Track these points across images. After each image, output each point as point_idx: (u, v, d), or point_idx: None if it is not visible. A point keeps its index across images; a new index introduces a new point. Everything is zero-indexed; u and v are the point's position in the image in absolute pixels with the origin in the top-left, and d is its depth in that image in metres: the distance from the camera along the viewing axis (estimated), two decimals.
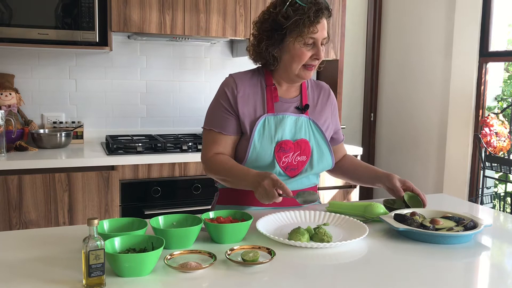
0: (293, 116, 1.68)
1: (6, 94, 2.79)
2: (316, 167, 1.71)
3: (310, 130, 1.70)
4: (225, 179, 1.63)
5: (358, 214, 1.61)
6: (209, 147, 1.68)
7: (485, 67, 3.14)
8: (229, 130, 1.66)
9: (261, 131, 1.64)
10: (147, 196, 2.66)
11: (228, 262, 1.20)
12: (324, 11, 1.58)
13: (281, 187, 1.43)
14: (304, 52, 1.60)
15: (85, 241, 1.05)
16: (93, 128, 3.10)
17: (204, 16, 2.88)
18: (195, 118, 3.33)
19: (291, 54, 1.61)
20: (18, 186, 2.40)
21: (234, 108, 1.66)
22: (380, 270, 1.21)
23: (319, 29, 1.58)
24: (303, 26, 1.56)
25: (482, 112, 3.18)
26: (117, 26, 2.71)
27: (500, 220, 1.77)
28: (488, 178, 3.14)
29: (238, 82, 1.68)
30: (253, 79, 1.70)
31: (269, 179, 1.44)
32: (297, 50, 1.60)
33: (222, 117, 1.66)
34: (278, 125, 1.65)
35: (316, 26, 1.57)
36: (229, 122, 1.66)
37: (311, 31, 1.57)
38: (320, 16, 1.57)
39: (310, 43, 1.59)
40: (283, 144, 1.64)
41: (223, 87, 1.69)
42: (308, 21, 1.56)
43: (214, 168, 1.65)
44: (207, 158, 1.68)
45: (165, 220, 1.37)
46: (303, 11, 1.56)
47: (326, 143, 1.72)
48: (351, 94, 4.03)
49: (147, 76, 3.20)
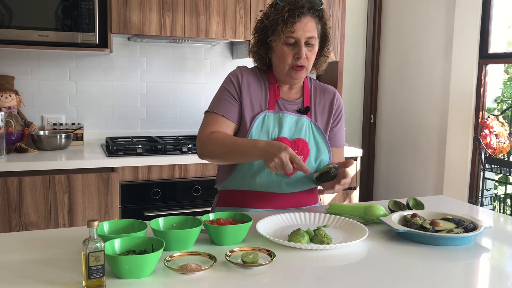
0: (294, 116, 1.68)
1: (6, 96, 2.79)
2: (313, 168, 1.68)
3: (310, 132, 1.69)
4: (227, 151, 1.58)
5: (358, 216, 1.61)
6: (208, 126, 1.64)
7: (485, 69, 3.14)
8: (231, 116, 1.66)
9: (259, 125, 1.64)
10: (147, 198, 2.66)
11: (228, 264, 1.20)
12: (303, 10, 1.57)
13: (298, 163, 1.44)
14: (285, 51, 1.60)
15: (85, 243, 1.05)
16: (93, 129, 3.10)
17: (204, 18, 2.88)
18: (195, 120, 3.33)
19: (276, 54, 1.64)
20: (18, 188, 2.40)
21: (238, 96, 1.67)
22: (380, 272, 1.21)
23: (297, 29, 1.57)
24: (277, 25, 1.58)
25: (482, 114, 3.18)
26: (117, 28, 2.71)
27: (500, 222, 1.77)
28: (488, 179, 3.14)
29: (244, 73, 1.70)
30: (258, 76, 1.72)
31: (286, 152, 1.43)
32: (279, 50, 1.61)
33: (226, 101, 1.67)
34: (277, 122, 1.66)
35: (293, 25, 1.56)
36: (233, 108, 1.66)
37: (288, 31, 1.57)
38: (298, 15, 1.56)
39: (291, 42, 1.59)
40: (279, 141, 1.62)
41: (229, 76, 1.71)
42: (282, 21, 1.56)
43: (214, 142, 1.59)
44: (204, 134, 1.63)
45: (165, 222, 1.37)
46: (279, 10, 1.58)
47: (326, 146, 1.71)
48: (351, 95, 4.03)
49: (147, 77, 3.20)
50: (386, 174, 3.93)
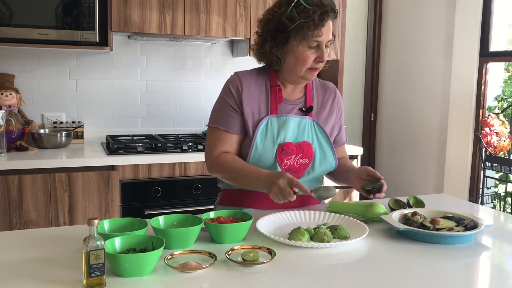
0: (297, 118, 1.67)
1: (6, 94, 2.79)
2: (318, 169, 1.69)
3: (313, 132, 1.68)
4: (234, 178, 1.61)
5: (358, 214, 1.61)
6: (214, 145, 1.65)
7: (486, 67, 3.14)
8: (234, 129, 1.64)
9: (263, 132, 1.62)
10: (147, 196, 2.66)
11: (229, 262, 1.20)
12: (329, 13, 1.54)
13: (297, 185, 1.42)
14: (308, 55, 1.57)
15: (85, 241, 1.05)
16: (94, 128, 3.10)
17: (205, 16, 2.88)
18: (196, 118, 3.33)
19: (295, 56, 1.58)
20: (18, 186, 2.40)
21: (239, 106, 1.64)
22: (380, 270, 1.21)
23: (324, 32, 1.54)
24: (308, 29, 1.52)
25: (483, 112, 3.18)
26: (117, 26, 2.71)
27: (500, 220, 1.77)
28: (488, 178, 3.14)
29: (243, 80, 1.65)
30: (258, 79, 1.68)
31: (284, 178, 1.43)
32: (301, 53, 1.57)
33: (227, 115, 1.64)
34: (281, 127, 1.64)
35: (321, 29, 1.53)
36: (235, 120, 1.64)
37: (316, 35, 1.53)
38: (325, 19, 1.53)
39: (314, 46, 1.56)
40: (285, 147, 1.63)
41: (228, 85, 1.67)
42: (313, 25, 1.51)
43: (221, 167, 1.62)
44: (212, 157, 1.65)
45: (165, 220, 1.37)
46: (308, 13, 1.51)
47: (329, 145, 1.70)
48: (352, 94, 4.03)
49: (148, 76, 3.20)
50: (386, 173, 3.93)
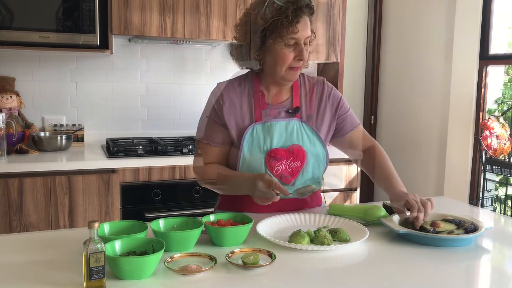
0: (283, 121, 1.63)
1: (7, 97, 2.79)
2: (312, 170, 1.66)
3: (302, 133, 1.64)
4: (221, 188, 1.64)
5: (358, 217, 1.60)
6: (199, 158, 1.68)
7: (486, 70, 3.14)
8: (217, 141, 1.64)
9: (249, 141, 1.61)
10: (147, 199, 2.66)
11: (229, 265, 1.20)
12: (304, 9, 1.52)
13: (276, 186, 1.41)
14: (286, 53, 1.53)
15: (85, 244, 1.05)
16: (94, 131, 3.10)
17: (205, 19, 2.88)
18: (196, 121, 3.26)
19: (273, 56, 1.56)
20: (18, 189, 2.40)
21: (221, 119, 1.63)
22: (381, 273, 1.21)
23: (299, 29, 1.51)
24: (282, 27, 1.50)
25: (483, 115, 3.18)
26: (117, 29, 2.71)
27: (500, 223, 1.77)
28: (488, 181, 3.14)
29: (224, 92, 1.64)
30: (240, 87, 1.66)
31: (263, 181, 1.43)
32: (278, 52, 1.54)
33: (209, 128, 1.65)
34: (266, 133, 1.61)
35: (296, 25, 1.50)
36: (217, 133, 1.64)
37: (291, 32, 1.50)
38: (300, 15, 1.50)
39: (291, 43, 1.53)
40: (273, 153, 1.60)
41: (210, 98, 1.68)
42: (287, 22, 1.49)
43: (207, 178, 1.65)
44: (197, 169, 1.69)
45: (165, 223, 1.37)
46: (281, 10, 1.49)
47: (321, 143, 1.66)
48: (352, 97, 4.03)
49: (148, 79, 3.20)
50: None
